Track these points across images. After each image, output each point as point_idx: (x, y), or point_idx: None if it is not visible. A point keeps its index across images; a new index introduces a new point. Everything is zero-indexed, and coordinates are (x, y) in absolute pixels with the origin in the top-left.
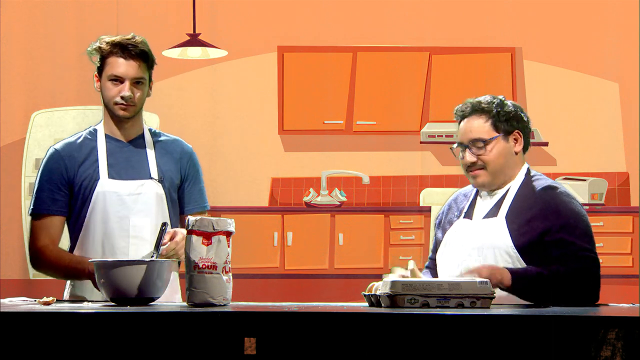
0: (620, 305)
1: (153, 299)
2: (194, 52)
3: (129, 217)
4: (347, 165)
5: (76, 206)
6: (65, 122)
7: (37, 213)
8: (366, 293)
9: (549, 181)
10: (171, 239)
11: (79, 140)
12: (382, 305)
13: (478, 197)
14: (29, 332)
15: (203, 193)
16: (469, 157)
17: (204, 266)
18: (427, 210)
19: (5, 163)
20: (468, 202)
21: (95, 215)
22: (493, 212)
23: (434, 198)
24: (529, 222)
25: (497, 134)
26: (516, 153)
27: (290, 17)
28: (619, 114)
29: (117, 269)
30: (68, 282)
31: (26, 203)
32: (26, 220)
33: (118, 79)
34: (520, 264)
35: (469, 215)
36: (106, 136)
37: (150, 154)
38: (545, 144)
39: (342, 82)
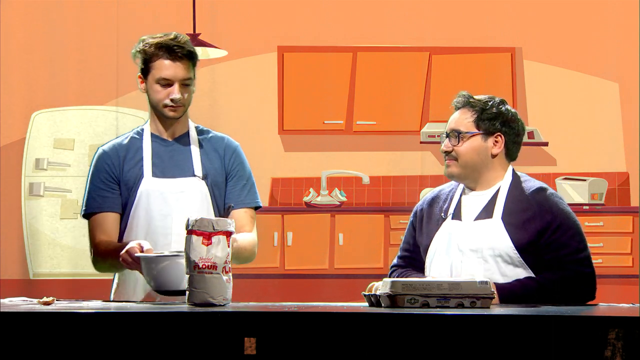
0: (620, 305)
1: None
2: None
3: (171, 215)
4: (347, 165)
5: (122, 204)
6: (65, 122)
7: (89, 212)
8: (366, 293)
9: (538, 182)
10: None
11: (126, 141)
12: (382, 305)
13: (462, 198)
14: (29, 332)
15: (249, 190)
16: (444, 146)
17: (204, 266)
18: None
19: (5, 163)
20: (452, 202)
21: (138, 213)
22: (485, 213)
23: None
24: (525, 223)
25: (476, 131)
26: (493, 155)
27: (290, 17)
28: (619, 114)
29: (165, 261)
30: (114, 283)
31: (26, 203)
32: (26, 220)
33: (166, 82)
34: (521, 264)
35: (457, 216)
36: (152, 135)
37: (195, 152)
38: (545, 144)
39: (342, 82)
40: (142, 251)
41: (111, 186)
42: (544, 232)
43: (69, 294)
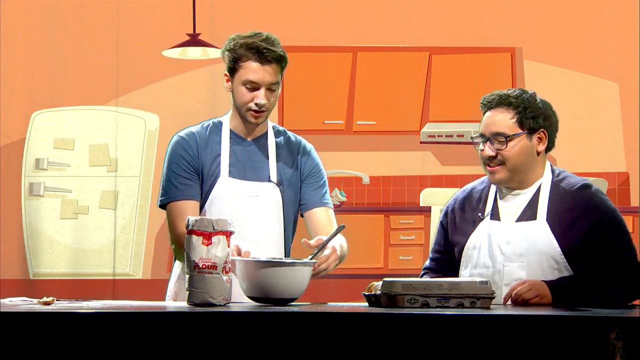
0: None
1: (294, 299)
2: (194, 52)
3: (244, 219)
4: (347, 165)
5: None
6: (65, 122)
7: (169, 202)
8: (366, 293)
9: (580, 178)
10: (327, 257)
11: (204, 132)
12: (382, 305)
13: (498, 196)
14: (29, 332)
15: (326, 191)
16: (489, 151)
17: (204, 266)
18: (427, 210)
19: (5, 163)
20: (487, 201)
21: (211, 212)
22: (528, 214)
23: (434, 198)
24: (573, 224)
25: (522, 131)
26: (538, 153)
27: (290, 17)
28: (619, 114)
29: (265, 269)
30: (172, 284)
31: (26, 203)
32: (26, 220)
33: (253, 85)
34: (566, 269)
35: (495, 216)
36: (231, 132)
37: (272, 155)
38: None
39: (342, 82)
40: (239, 254)
41: (192, 174)
42: (593, 231)
43: (69, 294)
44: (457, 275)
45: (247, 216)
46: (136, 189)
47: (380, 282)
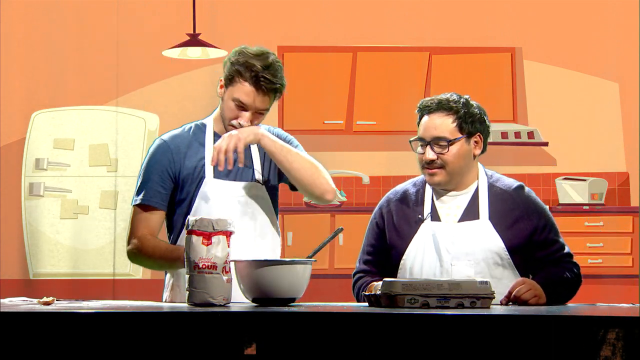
0: (620, 305)
1: (294, 299)
2: (194, 52)
3: (232, 220)
4: (347, 165)
5: (179, 202)
6: (65, 122)
7: (142, 204)
8: (366, 293)
9: (513, 180)
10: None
11: (187, 134)
12: (382, 305)
13: (435, 198)
14: (29, 332)
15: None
16: (430, 154)
17: (204, 266)
18: None
19: (5, 163)
20: (425, 203)
21: (198, 214)
22: (469, 214)
23: None
24: (515, 223)
25: (461, 135)
26: (474, 156)
27: (290, 17)
28: (619, 114)
29: (265, 268)
30: (168, 283)
31: (26, 203)
32: (26, 220)
33: (242, 106)
34: (509, 265)
35: (434, 217)
36: (214, 134)
37: (255, 154)
38: (545, 144)
39: (342, 82)
40: None
41: (167, 183)
42: (535, 232)
43: (69, 294)
44: (393, 276)
45: (236, 217)
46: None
47: (380, 282)
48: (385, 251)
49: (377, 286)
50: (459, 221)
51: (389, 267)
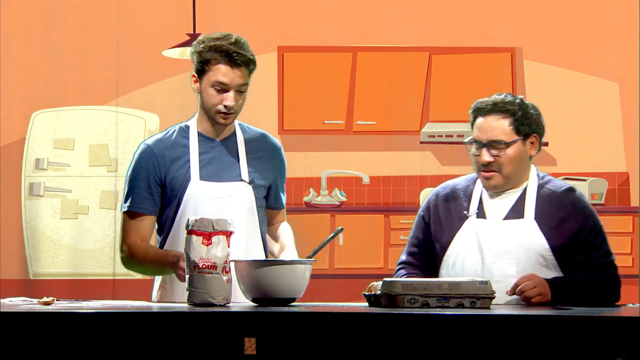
0: (620, 305)
1: (294, 299)
2: None
3: (231, 219)
4: (347, 165)
5: (167, 206)
6: (65, 122)
7: (131, 211)
8: (366, 293)
9: (563, 182)
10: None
11: (171, 137)
12: (382, 305)
13: (484, 195)
14: (29, 332)
15: (284, 191)
16: (486, 156)
17: (204, 266)
18: None
19: (5, 163)
20: (472, 199)
21: (185, 216)
22: (515, 213)
23: None
24: (560, 223)
25: (518, 137)
26: (530, 157)
27: (290, 17)
28: (619, 114)
29: (265, 268)
30: (157, 284)
31: (26, 203)
32: (26, 220)
33: (222, 87)
34: (554, 266)
35: (480, 215)
36: (199, 134)
37: (242, 154)
38: (545, 144)
39: (342, 82)
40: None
41: (154, 188)
42: (579, 234)
43: (69, 294)
44: (436, 270)
45: (222, 217)
46: None
47: (380, 282)
48: (429, 245)
49: (377, 286)
50: (504, 219)
51: (432, 261)
